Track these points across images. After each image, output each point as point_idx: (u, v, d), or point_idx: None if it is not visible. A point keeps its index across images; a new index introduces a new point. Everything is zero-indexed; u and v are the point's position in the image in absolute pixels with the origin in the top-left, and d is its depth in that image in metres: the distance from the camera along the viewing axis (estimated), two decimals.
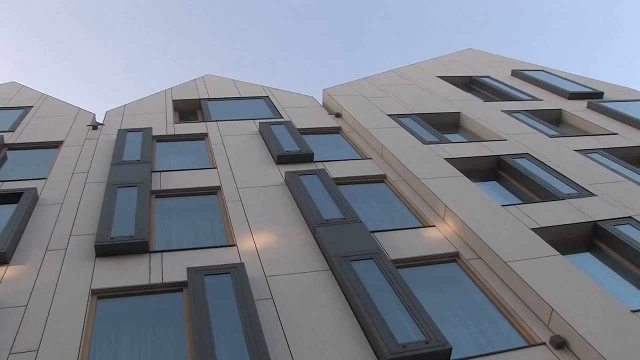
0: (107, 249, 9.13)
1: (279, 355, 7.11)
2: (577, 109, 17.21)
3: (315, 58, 64.14)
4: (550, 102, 17.93)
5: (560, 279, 8.40)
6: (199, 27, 62.65)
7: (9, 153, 13.61)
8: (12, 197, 10.77)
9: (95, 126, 14.94)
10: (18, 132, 14.54)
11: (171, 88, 18.42)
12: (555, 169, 12.65)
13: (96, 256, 9.13)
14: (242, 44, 63.35)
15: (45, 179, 11.95)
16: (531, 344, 7.56)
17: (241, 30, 63.19)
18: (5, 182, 11.69)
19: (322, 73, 63.17)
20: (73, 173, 12.25)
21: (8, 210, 10.37)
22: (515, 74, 21.13)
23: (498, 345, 7.64)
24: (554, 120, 17.27)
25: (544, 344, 7.48)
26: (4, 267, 8.85)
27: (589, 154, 13.80)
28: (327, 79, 66.97)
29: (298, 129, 15.17)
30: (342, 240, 9.37)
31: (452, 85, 19.35)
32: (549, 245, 9.35)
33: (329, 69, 63.30)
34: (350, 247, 9.18)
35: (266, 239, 9.80)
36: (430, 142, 13.91)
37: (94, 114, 16.05)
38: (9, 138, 14.16)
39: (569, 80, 19.96)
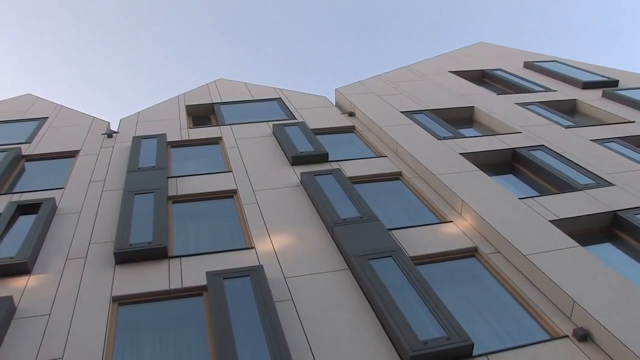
0: (126, 256, 9.19)
1: (300, 356, 7.11)
2: (591, 99, 17.06)
3: (324, 58, 64.15)
4: (564, 92, 17.80)
5: (581, 271, 8.33)
6: (207, 32, 62.85)
7: (27, 164, 13.75)
8: (31, 208, 10.87)
9: (110, 134, 15.04)
10: (35, 143, 14.68)
11: (184, 93, 18.50)
12: (572, 159, 12.55)
13: (116, 263, 9.20)
14: (249, 47, 63.48)
15: (63, 188, 12.05)
16: (554, 337, 7.50)
17: (248, 33, 63.29)
18: (24, 193, 11.80)
19: (332, 73, 63.18)
20: (90, 182, 12.35)
21: (28, 220, 10.47)
22: (528, 65, 21.00)
23: (520, 339, 7.59)
24: (569, 110, 17.14)
25: (567, 336, 7.42)
26: (26, 277, 8.94)
27: (606, 143, 13.67)
28: (338, 79, 66.95)
29: (312, 129, 15.18)
30: (360, 239, 9.36)
31: (464, 80, 19.27)
32: (568, 237, 9.28)
33: (339, 69, 63.32)
34: (368, 245, 9.16)
35: (284, 240, 9.82)
36: (444, 138, 13.85)
37: (109, 123, 16.17)
38: (26, 149, 14.30)
39: (582, 69, 19.80)
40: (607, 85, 18.24)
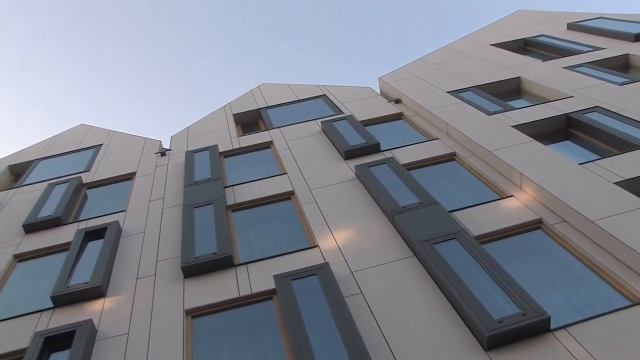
0: (193, 269, 9.36)
1: (376, 348, 7.11)
2: None
3: (360, 49, 63.65)
4: (613, 49, 17.20)
5: None
6: (237, 37, 63.05)
7: (89, 192, 14.17)
8: (98, 233, 11.20)
9: (163, 152, 15.35)
10: (93, 171, 15.11)
11: (229, 103, 18.72)
12: (630, 117, 12.13)
13: (184, 277, 9.38)
14: (280, 47, 63.49)
15: (125, 211, 12.37)
16: (635, 302, 7.27)
17: (278, 36, 63.39)
18: (89, 220, 12.16)
19: (370, 63, 62.64)
20: (150, 201, 12.63)
21: (96, 245, 10.79)
22: (572, 27, 20.38)
23: (598, 308, 7.39)
24: (621, 66, 16.56)
25: None
26: (101, 300, 9.22)
27: None
28: (378, 68, 66.30)
29: (360, 121, 15.14)
30: (422, 224, 9.29)
31: (507, 51, 18.86)
32: (636, 197, 8.97)
33: (376, 57, 62.71)
34: (431, 230, 9.09)
35: (346, 235, 9.83)
36: (494, 112, 13.60)
37: (160, 141, 16.51)
38: (86, 177, 14.74)
39: (632, 21, 19.04)
40: None
